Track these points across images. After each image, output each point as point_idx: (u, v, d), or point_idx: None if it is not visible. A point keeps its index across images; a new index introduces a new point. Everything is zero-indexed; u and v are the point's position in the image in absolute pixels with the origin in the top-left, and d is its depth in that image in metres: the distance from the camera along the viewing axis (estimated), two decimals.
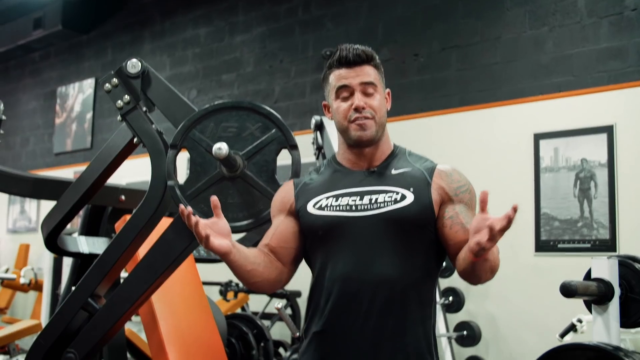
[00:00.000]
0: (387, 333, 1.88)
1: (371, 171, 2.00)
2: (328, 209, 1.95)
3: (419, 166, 2.00)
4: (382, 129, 2.01)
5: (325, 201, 1.97)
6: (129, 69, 2.42)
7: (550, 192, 4.63)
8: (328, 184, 2.02)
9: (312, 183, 2.05)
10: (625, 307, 2.45)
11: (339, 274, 1.92)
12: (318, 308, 1.96)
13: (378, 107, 1.98)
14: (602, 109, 4.49)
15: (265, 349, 4.26)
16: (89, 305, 2.51)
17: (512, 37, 4.97)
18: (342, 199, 1.96)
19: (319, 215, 1.95)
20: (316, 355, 1.95)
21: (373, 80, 1.99)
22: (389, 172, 1.99)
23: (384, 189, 1.95)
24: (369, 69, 2.00)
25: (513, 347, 4.68)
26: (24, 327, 5.11)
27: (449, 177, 1.97)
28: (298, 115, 6.17)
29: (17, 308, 8.37)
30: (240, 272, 1.92)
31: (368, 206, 1.93)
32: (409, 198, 1.92)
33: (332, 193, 1.98)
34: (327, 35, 6.07)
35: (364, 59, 2.00)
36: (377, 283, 1.88)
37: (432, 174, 1.98)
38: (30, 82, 9.37)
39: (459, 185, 1.97)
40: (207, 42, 7.17)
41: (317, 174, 2.08)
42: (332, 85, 2.01)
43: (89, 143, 8.30)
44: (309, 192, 2.02)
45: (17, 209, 8.98)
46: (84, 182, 2.63)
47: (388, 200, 1.92)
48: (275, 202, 2.10)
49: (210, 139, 2.23)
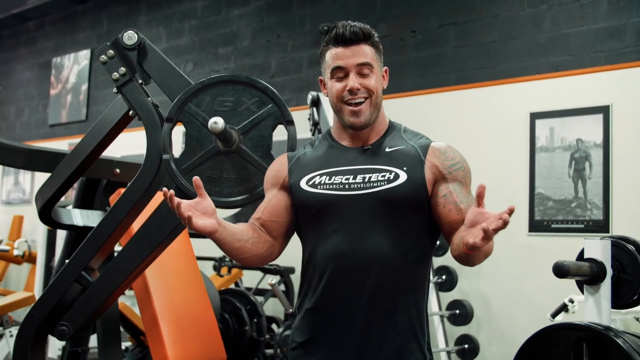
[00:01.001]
0: (379, 311, 1.90)
1: (365, 149, 2.00)
2: (321, 187, 1.95)
3: (414, 143, 1.99)
4: (377, 109, 2.00)
5: (319, 178, 1.97)
6: (125, 40, 2.40)
7: (545, 171, 4.64)
8: (322, 160, 2.01)
9: (305, 158, 2.04)
10: (616, 287, 2.46)
11: (331, 252, 1.92)
12: (311, 285, 1.97)
13: (374, 88, 1.97)
14: (598, 89, 4.48)
15: (258, 325, 4.28)
16: (82, 278, 2.51)
17: (511, 15, 4.95)
18: (336, 177, 1.95)
19: (312, 193, 1.95)
20: (309, 331, 1.96)
21: (369, 61, 1.97)
22: (383, 151, 1.99)
23: (378, 167, 1.95)
24: (366, 48, 1.97)
25: (505, 326, 4.72)
26: (17, 299, 5.12)
27: (443, 155, 1.96)
28: (294, 91, 6.15)
29: (10, 280, 8.38)
30: (228, 249, 1.92)
31: (361, 185, 1.92)
32: (402, 177, 1.91)
33: (325, 170, 1.98)
34: (324, 10, 6.03)
35: (361, 37, 1.97)
36: (370, 261, 1.89)
37: (426, 151, 1.96)
38: (25, 51, 9.30)
39: (453, 162, 1.96)
40: (204, 14, 7.11)
41: (311, 149, 2.08)
42: (328, 65, 2.00)
43: (84, 115, 8.26)
44: (302, 168, 2.02)
45: (11, 181, 8.95)
46: (79, 155, 2.62)
47: (381, 179, 1.92)
48: (268, 176, 2.09)
49: (206, 113, 2.22)
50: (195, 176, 1.86)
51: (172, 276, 3.25)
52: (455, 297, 4.75)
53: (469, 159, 2.03)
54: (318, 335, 1.95)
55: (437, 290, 4.71)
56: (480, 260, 1.82)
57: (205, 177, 2.20)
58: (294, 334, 2.01)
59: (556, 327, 2.36)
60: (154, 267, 2.85)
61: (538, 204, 4.64)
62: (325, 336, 1.94)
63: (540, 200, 4.63)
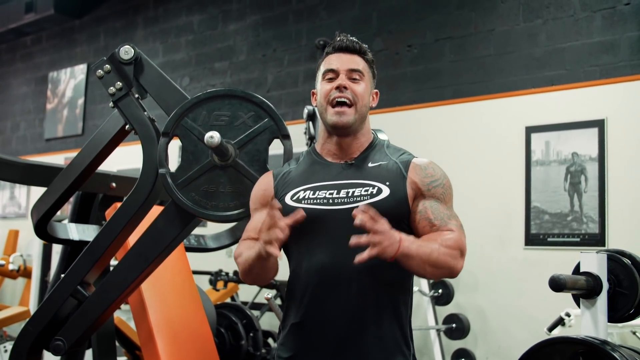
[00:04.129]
0: (364, 324, 1.90)
1: (349, 164, 2.01)
2: (305, 202, 1.96)
3: (396, 159, 2.01)
4: (362, 119, 2.02)
5: (303, 193, 1.98)
6: (122, 55, 2.40)
7: (540, 185, 4.65)
8: (306, 175, 2.02)
9: (290, 174, 2.05)
10: (613, 301, 2.46)
11: (315, 266, 1.93)
12: (295, 299, 1.98)
13: (360, 94, 2.00)
14: (593, 103, 4.50)
15: (254, 339, 4.27)
16: (78, 293, 2.51)
17: (506, 29, 4.97)
18: (319, 192, 1.96)
19: (296, 208, 1.94)
20: (294, 346, 1.97)
21: (361, 69, 2.02)
22: (366, 165, 2.00)
23: (361, 182, 1.96)
24: (360, 60, 2.03)
25: (501, 340, 4.71)
26: (12, 314, 5.09)
27: (423, 172, 1.98)
28: (290, 105, 6.16)
29: (5, 295, 8.34)
30: (264, 272, 1.95)
31: (345, 200, 1.93)
32: (385, 192, 1.93)
33: (309, 185, 1.99)
34: (320, 25, 6.06)
35: (357, 49, 2.03)
36: (353, 275, 1.89)
37: (408, 168, 1.99)
38: (22, 66, 9.31)
39: (432, 179, 1.97)
40: (201, 29, 7.13)
41: (295, 164, 2.09)
42: (321, 70, 2.05)
43: (80, 129, 8.26)
44: (287, 184, 2.03)
45: (6, 195, 8.93)
46: (75, 169, 2.61)
47: (364, 194, 1.93)
48: (255, 195, 2.09)
49: (203, 127, 2.22)
50: (301, 211, 1.85)
51: (168, 290, 3.24)
52: (452, 311, 4.74)
53: (464, 173, 2.05)
54: (303, 350, 1.95)
55: (433, 304, 4.71)
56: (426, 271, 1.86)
57: (201, 191, 2.20)
58: (280, 350, 2.01)
59: (553, 341, 2.35)
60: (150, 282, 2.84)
61: (534, 217, 4.64)
62: (310, 351, 1.94)
63: (536, 213, 4.64)
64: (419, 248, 1.82)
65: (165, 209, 2.34)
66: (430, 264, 1.83)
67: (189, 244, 3.72)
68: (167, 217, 2.32)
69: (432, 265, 1.83)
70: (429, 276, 1.93)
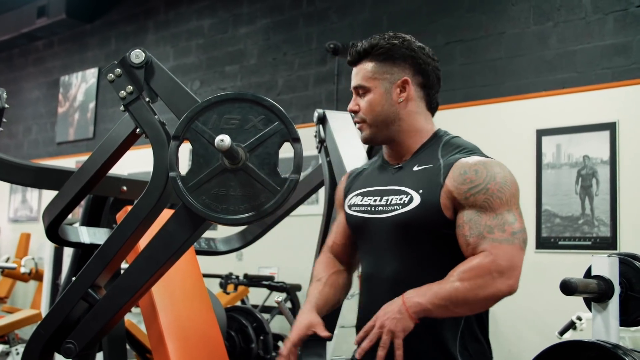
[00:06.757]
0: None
1: (398, 167, 1.96)
2: (354, 209, 1.97)
3: (443, 161, 1.84)
4: (381, 127, 1.95)
5: (354, 199, 1.99)
6: (133, 59, 2.40)
7: (552, 188, 4.63)
8: (367, 178, 2.03)
9: (361, 174, 2.07)
10: (625, 305, 2.44)
11: (363, 275, 1.96)
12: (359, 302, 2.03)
13: (366, 109, 1.96)
14: (605, 106, 4.48)
15: (264, 343, 4.27)
16: (89, 296, 2.51)
17: (517, 32, 4.96)
18: (366, 198, 1.95)
19: (349, 214, 1.99)
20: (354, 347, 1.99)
21: (362, 83, 1.97)
22: (411, 169, 1.91)
23: (399, 189, 1.89)
24: (366, 65, 1.97)
25: (512, 344, 4.68)
26: (23, 317, 5.12)
27: (461, 176, 1.78)
28: (301, 108, 6.16)
29: (17, 297, 8.38)
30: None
31: (383, 208, 1.90)
32: (416, 201, 1.82)
33: (362, 190, 1.99)
34: (331, 28, 6.06)
35: (362, 55, 1.98)
36: (389, 287, 1.86)
37: (448, 172, 1.80)
38: (34, 70, 9.36)
39: (471, 186, 1.76)
40: (211, 33, 7.15)
41: (368, 165, 2.10)
42: None
43: (92, 133, 8.29)
44: (353, 186, 2.05)
45: (18, 198, 8.98)
46: (86, 172, 2.62)
47: (398, 202, 1.86)
48: (336, 196, 2.15)
49: (213, 130, 2.22)
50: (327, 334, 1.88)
51: (178, 293, 3.24)
52: None
53: None
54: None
55: None
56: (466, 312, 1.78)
57: (211, 195, 2.20)
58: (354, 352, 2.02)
59: (564, 345, 2.34)
60: (160, 285, 2.84)
61: (545, 220, 4.62)
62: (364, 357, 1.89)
63: (547, 217, 4.62)
64: (433, 299, 1.67)
65: (175, 213, 2.34)
66: (460, 305, 1.68)
67: (199, 247, 3.73)
68: (177, 221, 2.33)
69: (464, 305, 1.69)
70: (473, 313, 1.78)
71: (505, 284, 1.69)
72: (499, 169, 1.79)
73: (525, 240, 1.74)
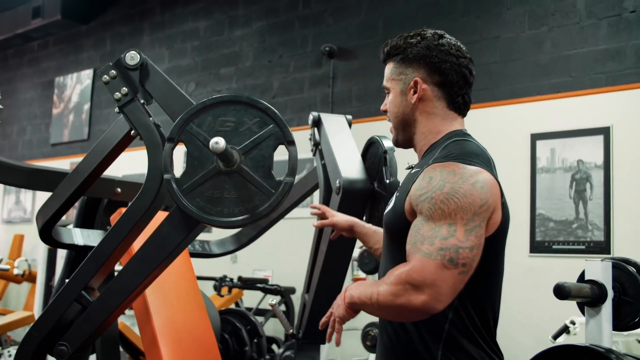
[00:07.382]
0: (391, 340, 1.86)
1: (408, 169, 1.98)
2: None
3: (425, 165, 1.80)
4: (400, 130, 1.95)
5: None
6: (128, 60, 2.40)
7: (546, 192, 4.64)
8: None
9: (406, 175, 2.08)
10: (618, 309, 2.45)
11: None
12: None
13: (389, 110, 1.97)
14: (599, 110, 4.49)
15: (258, 345, 4.26)
16: (82, 298, 2.51)
17: (511, 36, 4.97)
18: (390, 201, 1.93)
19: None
20: None
21: (384, 84, 1.98)
22: (410, 172, 1.91)
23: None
24: (389, 65, 1.97)
25: (506, 348, 4.66)
26: (16, 319, 5.10)
27: (418, 183, 1.73)
28: (296, 111, 6.16)
29: (10, 299, 8.35)
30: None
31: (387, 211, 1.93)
32: (390, 204, 1.88)
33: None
34: (326, 31, 6.06)
35: (386, 57, 1.98)
36: None
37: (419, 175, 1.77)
38: (28, 71, 9.34)
39: (421, 193, 1.70)
40: (207, 35, 7.15)
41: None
42: None
43: (86, 134, 8.28)
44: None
45: (12, 199, 8.96)
46: (80, 174, 2.62)
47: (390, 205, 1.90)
48: None
49: (208, 133, 2.22)
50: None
51: (172, 296, 3.24)
52: None
53: None
54: None
55: None
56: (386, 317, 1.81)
57: (206, 197, 2.20)
58: None
59: (558, 348, 2.35)
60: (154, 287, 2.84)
61: (539, 224, 4.63)
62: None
63: (541, 221, 4.63)
64: (361, 294, 1.72)
65: (170, 215, 2.34)
66: (378, 308, 1.67)
67: (194, 250, 3.72)
68: (171, 223, 2.32)
69: (381, 309, 1.67)
70: (395, 320, 1.77)
71: (418, 299, 1.58)
72: (456, 179, 1.68)
73: (453, 259, 1.60)
